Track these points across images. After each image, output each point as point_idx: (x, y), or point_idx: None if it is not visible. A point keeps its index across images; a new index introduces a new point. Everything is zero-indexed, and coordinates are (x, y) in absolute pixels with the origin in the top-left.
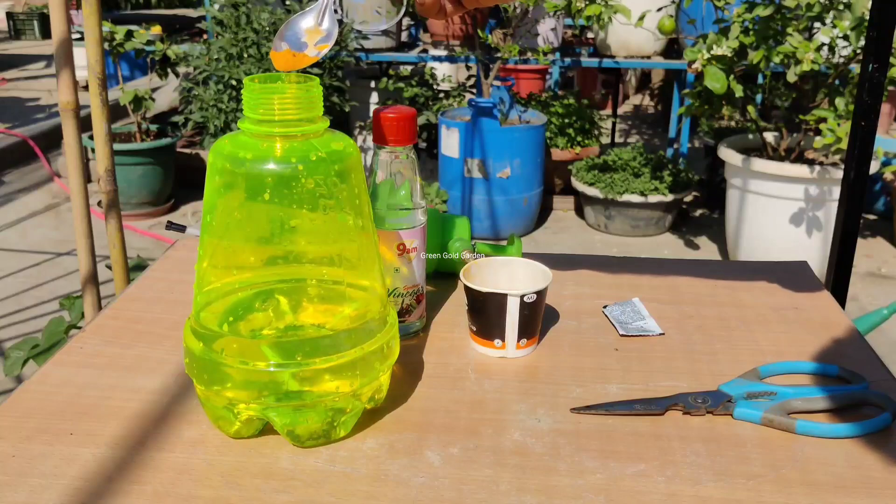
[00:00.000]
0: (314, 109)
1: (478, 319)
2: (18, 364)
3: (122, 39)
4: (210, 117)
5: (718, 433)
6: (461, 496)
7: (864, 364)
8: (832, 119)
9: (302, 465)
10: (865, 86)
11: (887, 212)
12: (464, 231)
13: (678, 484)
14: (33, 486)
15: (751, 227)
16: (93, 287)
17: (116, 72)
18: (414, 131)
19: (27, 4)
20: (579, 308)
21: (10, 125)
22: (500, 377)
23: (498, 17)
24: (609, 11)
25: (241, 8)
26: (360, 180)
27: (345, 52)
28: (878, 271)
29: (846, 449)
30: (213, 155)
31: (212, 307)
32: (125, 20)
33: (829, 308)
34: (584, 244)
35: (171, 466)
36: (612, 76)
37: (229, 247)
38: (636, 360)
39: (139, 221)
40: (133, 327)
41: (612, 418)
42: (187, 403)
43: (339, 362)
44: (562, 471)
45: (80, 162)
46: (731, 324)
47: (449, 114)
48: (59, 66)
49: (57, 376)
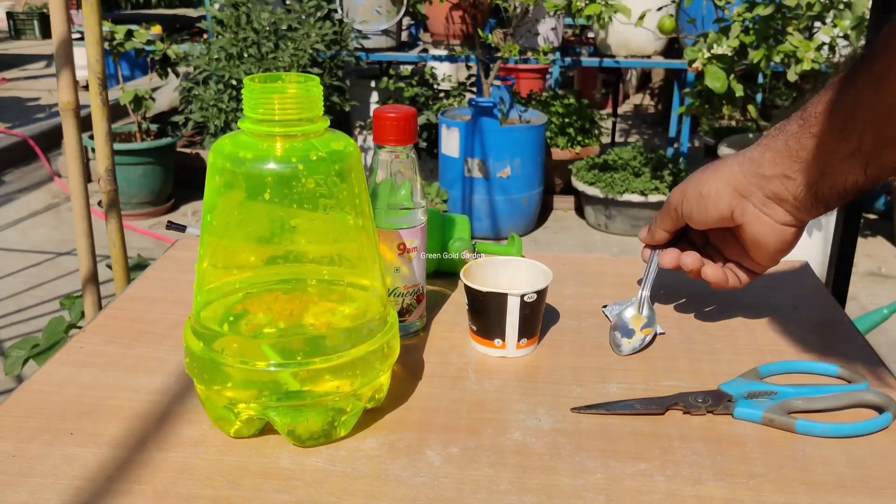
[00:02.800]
0: (314, 109)
1: (478, 319)
2: (19, 364)
3: (122, 39)
4: (210, 117)
5: (719, 433)
6: (461, 496)
7: (865, 364)
8: None
9: (302, 464)
10: None
11: (887, 211)
12: (464, 231)
13: (678, 483)
14: (34, 486)
15: None
16: (93, 287)
17: (116, 71)
18: (414, 131)
19: (27, 4)
20: (579, 308)
21: (11, 125)
22: (501, 377)
23: (498, 16)
24: (609, 11)
25: (242, 8)
26: (361, 180)
27: (345, 51)
28: (879, 271)
29: (846, 449)
30: (214, 154)
31: (212, 307)
32: (125, 20)
33: (829, 308)
34: (584, 244)
35: (171, 466)
36: (612, 76)
37: (230, 246)
38: (636, 360)
39: (139, 221)
40: (133, 327)
41: (612, 418)
42: (188, 403)
43: (340, 362)
44: (562, 470)
45: (80, 162)
46: (732, 323)
47: (449, 113)
48: (60, 66)
49: (57, 376)
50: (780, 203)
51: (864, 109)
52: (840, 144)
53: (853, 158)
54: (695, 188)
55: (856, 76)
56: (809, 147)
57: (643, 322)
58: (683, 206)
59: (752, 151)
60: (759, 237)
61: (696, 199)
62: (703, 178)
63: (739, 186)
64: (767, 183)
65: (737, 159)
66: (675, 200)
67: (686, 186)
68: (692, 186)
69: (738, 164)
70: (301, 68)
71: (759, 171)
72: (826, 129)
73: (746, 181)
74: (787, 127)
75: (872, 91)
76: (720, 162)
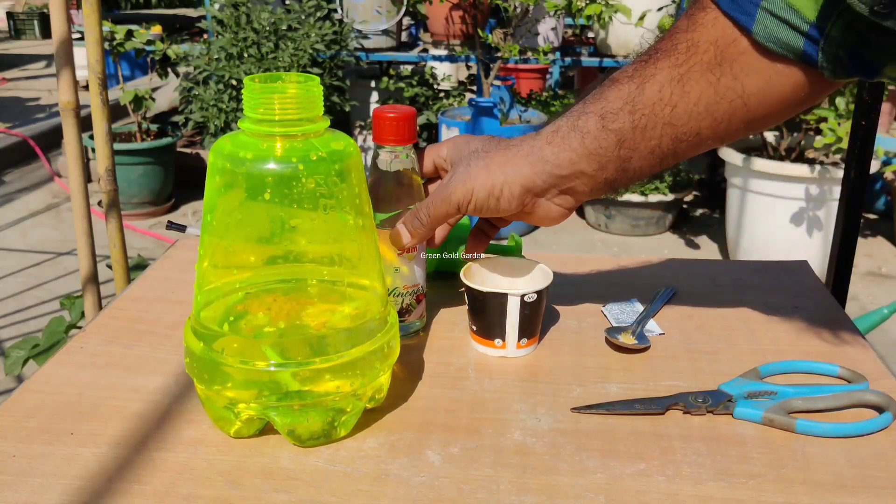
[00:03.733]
0: (314, 109)
1: (478, 319)
2: (19, 364)
3: (122, 39)
4: (210, 117)
5: (719, 433)
6: (462, 496)
7: (865, 364)
8: (832, 118)
9: (303, 464)
10: (865, 85)
11: (888, 211)
12: (464, 230)
13: (679, 483)
14: (34, 486)
15: (751, 227)
16: (93, 287)
17: (116, 71)
18: (414, 131)
19: (27, 4)
20: (579, 308)
21: (11, 125)
22: (501, 377)
23: (498, 16)
24: (609, 11)
25: (242, 8)
26: (361, 180)
27: (345, 51)
28: (879, 271)
29: (846, 448)
30: (214, 154)
31: (212, 307)
32: (125, 20)
33: (829, 307)
34: (584, 244)
35: (171, 466)
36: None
37: (230, 246)
38: (636, 360)
39: (139, 221)
40: (133, 327)
41: (612, 418)
42: (188, 403)
43: (340, 362)
44: (562, 470)
45: (80, 162)
46: (732, 323)
47: (449, 113)
48: (60, 66)
49: (57, 376)
50: (574, 195)
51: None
52: (640, 143)
53: (651, 155)
54: (483, 188)
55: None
56: (608, 145)
57: (633, 341)
58: (472, 204)
59: (544, 150)
60: (545, 219)
61: (485, 198)
62: (488, 174)
63: (533, 187)
64: (563, 181)
65: (527, 158)
66: (458, 197)
67: (469, 182)
68: (480, 185)
69: (528, 164)
70: (301, 68)
71: (555, 171)
72: (626, 127)
73: (541, 181)
74: (581, 124)
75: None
76: (502, 155)
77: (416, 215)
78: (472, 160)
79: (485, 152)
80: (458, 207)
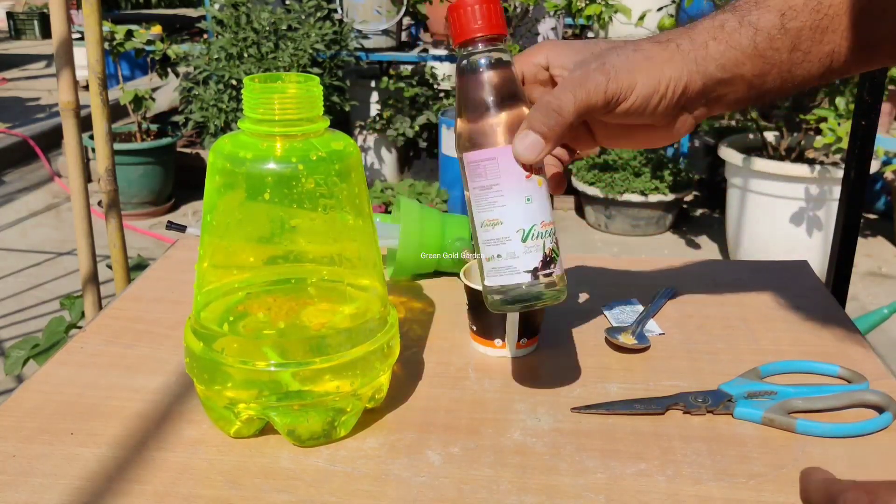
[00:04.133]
0: (314, 109)
1: (478, 319)
2: (19, 364)
3: (122, 39)
4: (210, 117)
5: (719, 432)
6: (462, 496)
7: (865, 363)
8: (832, 118)
9: (303, 464)
10: (866, 85)
11: (888, 211)
12: (464, 231)
13: (679, 483)
14: (34, 486)
15: (751, 227)
16: (93, 287)
17: (116, 71)
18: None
19: (27, 4)
20: (579, 308)
21: (11, 125)
22: (501, 377)
23: None
24: (609, 11)
25: (242, 8)
26: (361, 180)
27: (345, 51)
28: (879, 270)
29: (846, 448)
30: (214, 154)
31: (212, 307)
32: (125, 20)
33: (829, 307)
34: (584, 244)
35: (171, 466)
36: None
37: (230, 246)
38: (636, 360)
39: (139, 221)
40: (133, 327)
41: (612, 418)
42: (188, 403)
43: (340, 362)
44: (562, 470)
45: (80, 162)
46: (732, 323)
47: (449, 113)
48: (60, 66)
49: (58, 376)
50: (714, 107)
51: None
52: (814, 48)
53: (820, 63)
54: (649, 83)
55: None
56: (781, 46)
57: (633, 341)
58: (629, 101)
59: (709, 47)
60: (667, 137)
61: (648, 95)
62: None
63: (691, 92)
64: (718, 87)
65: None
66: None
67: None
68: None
69: (692, 62)
70: (301, 68)
71: (716, 74)
72: (806, 26)
73: (699, 85)
74: (755, 20)
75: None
76: (660, 52)
77: (546, 110)
78: (622, 52)
79: (635, 48)
80: (608, 101)
